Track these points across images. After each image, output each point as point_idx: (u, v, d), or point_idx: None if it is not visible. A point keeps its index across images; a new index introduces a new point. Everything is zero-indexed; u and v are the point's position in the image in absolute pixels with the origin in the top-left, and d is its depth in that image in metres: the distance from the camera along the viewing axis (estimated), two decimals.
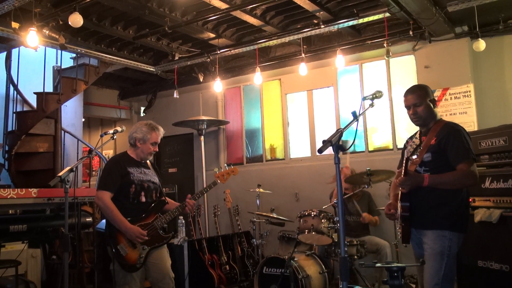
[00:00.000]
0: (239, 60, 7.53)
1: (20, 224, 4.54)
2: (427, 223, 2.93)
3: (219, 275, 5.58)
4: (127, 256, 3.47)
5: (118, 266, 3.46)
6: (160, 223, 3.61)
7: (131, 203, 3.58)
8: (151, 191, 3.70)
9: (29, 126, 6.24)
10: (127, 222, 3.45)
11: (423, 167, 3.00)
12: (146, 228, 3.53)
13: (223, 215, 6.76)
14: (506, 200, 3.65)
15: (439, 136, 2.98)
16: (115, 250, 3.46)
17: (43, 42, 5.46)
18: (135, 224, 3.50)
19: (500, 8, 5.19)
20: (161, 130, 3.80)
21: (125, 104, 9.07)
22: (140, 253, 3.50)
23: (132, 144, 3.73)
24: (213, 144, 7.97)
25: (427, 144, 3.01)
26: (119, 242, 3.48)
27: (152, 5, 5.24)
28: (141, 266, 3.52)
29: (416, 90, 3.20)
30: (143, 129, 3.71)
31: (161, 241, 3.61)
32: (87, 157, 3.92)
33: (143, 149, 3.70)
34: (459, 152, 2.90)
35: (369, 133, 6.62)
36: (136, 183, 3.60)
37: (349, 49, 6.32)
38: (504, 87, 5.70)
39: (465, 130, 3.04)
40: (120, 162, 3.65)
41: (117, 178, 3.56)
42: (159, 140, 3.78)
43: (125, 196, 3.57)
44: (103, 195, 3.50)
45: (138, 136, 3.69)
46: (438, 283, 2.82)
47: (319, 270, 4.70)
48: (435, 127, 3.07)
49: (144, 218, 3.59)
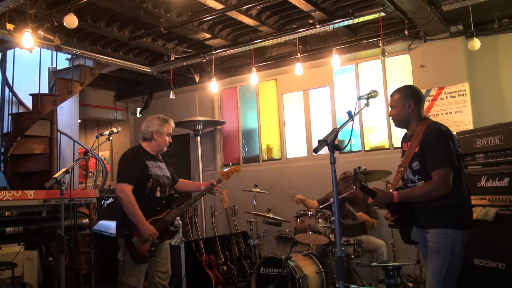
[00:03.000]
0: (235, 61, 7.53)
1: (16, 226, 4.54)
2: (430, 223, 2.92)
3: (217, 276, 5.57)
4: (139, 249, 3.58)
5: (129, 257, 3.56)
6: (171, 218, 3.73)
7: (147, 197, 3.67)
8: (166, 187, 3.82)
9: (25, 127, 6.22)
10: (144, 219, 3.55)
11: (416, 175, 2.98)
12: (158, 223, 3.66)
13: (220, 216, 6.75)
14: (501, 198, 3.66)
15: (421, 142, 2.94)
16: (129, 242, 3.56)
17: (38, 44, 5.44)
18: (148, 219, 3.60)
19: (495, 7, 5.20)
20: (172, 122, 3.99)
21: (121, 105, 9.05)
22: (150, 246, 3.61)
23: (148, 138, 3.82)
24: (210, 144, 7.96)
25: (410, 153, 2.99)
26: (134, 235, 3.57)
27: (147, 5, 5.24)
28: (151, 257, 3.64)
29: (396, 92, 3.15)
30: (157, 122, 3.84)
31: (169, 235, 3.76)
32: (83, 159, 3.93)
33: (160, 141, 3.83)
34: (434, 159, 2.84)
35: (365, 133, 6.63)
36: (154, 178, 3.70)
37: (345, 49, 6.33)
38: (499, 85, 5.72)
39: (446, 133, 2.93)
40: (138, 155, 3.74)
41: (137, 171, 3.65)
42: (171, 131, 3.94)
43: (141, 190, 3.65)
44: (126, 188, 3.57)
45: (155, 129, 3.81)
46: (440, 280, 2.81)
47: (316, 270, 4.71)
48: (418, 131, 2.99)
49: (157, 213, 3.69)
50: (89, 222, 5.28)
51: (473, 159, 4.03)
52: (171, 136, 3.99)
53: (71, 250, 5.01)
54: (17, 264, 4.50)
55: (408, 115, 3.07)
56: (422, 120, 3.05)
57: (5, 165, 6.21)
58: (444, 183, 2.81)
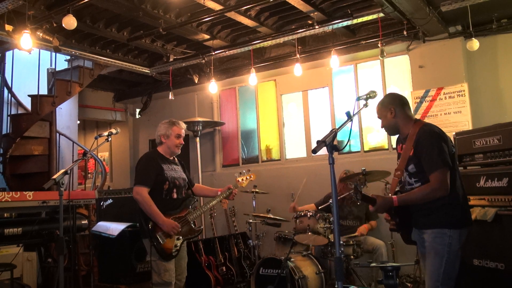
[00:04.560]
0: (234, 61, 7.53)
1: (15, 228, 4.54)
2: (427, 223, 2.93)
3: (216, 277, 5.57)
4: (164, 245, 3.69)
5: (155, 256, 3.65)
6: (192, 218, 3.91)
7: (164, 199, 3.80)
8: (182, 188, 3.96)
9: (24, 129, 6.22)
10: (163, 216, 3.69)
11: (413, 178, 2.99)
12: (180, 220, 3.80)
13: (219, 216, 6.75)
14: (500, 198, 3.66)
15: (415, 145, 2.95)
16: (154, 239, 3.65)
17: (37, 45, 5.44)
18: (170, 217, 3.75)
19: (493, 8, 5.21)
20: (181, 123, 4.04)
21: (120, 106, 9.05)
22: (175, 243, 3.75)
23: (159, 143, 3.98)
24: (209, 145, 7.96)
25: (405, 156, 3.00)
26: (157, 232, 3.69)
27: (146, 6, 5.24)
28: (177, 255, 3.77)
29: (378, 105, 3.18)
30: (163, 126, 3.97)
31: (193, 233, 3.94)
32: (82, 159, 3.93)
33: (168, 143, 3.94)
34: (430, 161, 2.85)
35: (364, 133, 6.63)
36: (170, 180, 3.83)
37: (344, 50, 6.33)
38: (498, 86, 5.72)
39: (438, 134, 2.94)
40: (154, 159, 3.88)
41: (153, 174, 3.78)
42: (182, 132, 4.01)
43: (158, 192, 3.78)
44: (142, 190, 3.71)
45: (162, 132, 3.95)
46: (439, 279, 2.82)
47: (315, 270, 4.71)
48: (411, 134, 3.01)
49: (177, 212, 3.85)
50: (88, 223, 5.28)
51: (472, 160, 4.03)
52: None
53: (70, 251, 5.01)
54: (16, 266, 4.50)
55: (394, 121, 3.10)
56: (414, 123, 3.07)
57: (4, 166, 6.22)
58: (442, 185, 2.82)
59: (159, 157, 3.92)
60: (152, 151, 4.09)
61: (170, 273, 3.69)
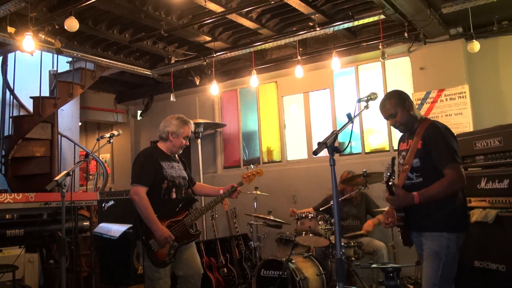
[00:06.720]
0: (235, 63, 7.54)
1: (17, 229, 4.54)
2: (425, 226, 2.94)
3: (217, 278, 5.57)
4: (158, 252, 3.47)
5: (148, 261, 3.46)
6: (190, 220, 3.64)
7: (162, 199, 3.58)
8: (182, 188, 3.73)
9: (26, 130, 6.24)
10: (158, 223, 3.44)
11: (415, 173, 2.99)
12: (176, 225, 3.57)
13: (221, 218, 6.76)
14: (501, 200, 3.66)
15: (424, 139, 2.96)
16: (146, 245, 3.45)
17: (39, 47, 5.46)
18: (167, 220, 3.53)
19: (494, 10, 5.22)
20: (192, 124, 3.81)
21: (122, 108, 9.07)
22: (170, 249, 3.51)
23: (164, 138, 3.71)
24: (210, 147, 7.97)
25: (413, 149, 3.00)
26: (151, 238, 3.47)
27: (148, 8, 5.25)
28: (171, 262, 3.53)
29: (387, 100, 3.17)
30: (175, 123, 3.70)
31: (190, 238, 3.65)
32: (84, 161, 3.93)
33: (175, 143, 3.70)
34: (443, 155, 2.86)
35: (365, 135, 6.64)
36: (169, 179, 3.60)
37: (345, 51, 6.34)
38: (499, 88, 5.73)
39: (449, 130, 2.99)
40: (153, 156, 3.62)
41: (152, 172, 3.54)
42: (190, 134, 3.78)
43: (156, 192, 3.56)
44: (140, 190, 3.47)
45: (171, 129, 3.68)
46: (436, 283, 2.82)
47: (316, 272, 4.71)
48: (420, 128, 3.03)
49: (175, 214, 3.61)
50: (90, 225, 5.29)
51: (473, 161, 4.03)
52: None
53: (72, 252, 5.03)
54: (18, 267, 4.51)
55: (411, 115, 3.10)
56: (423, 120, 3.10)
57: (6, 168, 6.23)
58: (459, 176, 2.84)
59: (159, 153, 3.66)
60: (151, 147, 3.84)
61: (165, 280, 3.50)
